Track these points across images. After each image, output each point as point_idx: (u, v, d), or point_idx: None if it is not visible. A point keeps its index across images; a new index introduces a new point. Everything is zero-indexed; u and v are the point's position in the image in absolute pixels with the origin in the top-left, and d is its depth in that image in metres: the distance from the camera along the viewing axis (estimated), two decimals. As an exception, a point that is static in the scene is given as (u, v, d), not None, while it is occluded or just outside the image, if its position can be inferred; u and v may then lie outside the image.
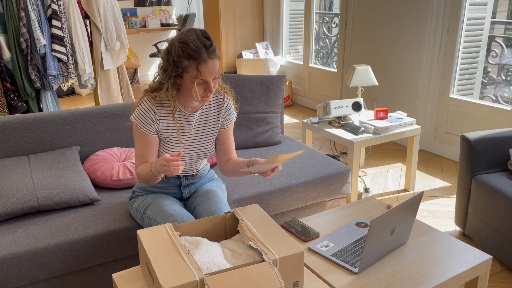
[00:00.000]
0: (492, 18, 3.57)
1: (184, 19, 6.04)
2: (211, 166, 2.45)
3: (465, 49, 3.57)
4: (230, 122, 1.87)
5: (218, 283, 1.17)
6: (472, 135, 2.37)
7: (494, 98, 3.68)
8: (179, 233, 1.43)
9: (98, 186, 2.22)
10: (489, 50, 3.63)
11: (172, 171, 1.51)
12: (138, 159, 1.76)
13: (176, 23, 6.99)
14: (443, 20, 3.58)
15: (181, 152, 1.53)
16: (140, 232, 1.40)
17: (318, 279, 1.44)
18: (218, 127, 1.86)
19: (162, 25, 6.87)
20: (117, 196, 2.14)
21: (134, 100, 1.81)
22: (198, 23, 7.31)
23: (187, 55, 1.57)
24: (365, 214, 1.87)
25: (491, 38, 3.63)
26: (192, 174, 1.90)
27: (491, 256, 1.59)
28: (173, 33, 7.14)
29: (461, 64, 3.60)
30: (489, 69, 3.78)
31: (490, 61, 3.67)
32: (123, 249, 1.90)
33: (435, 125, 3.83)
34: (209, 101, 1.78)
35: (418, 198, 1.57)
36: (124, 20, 6.52)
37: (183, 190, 1.90)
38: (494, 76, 3.79)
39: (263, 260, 1.27)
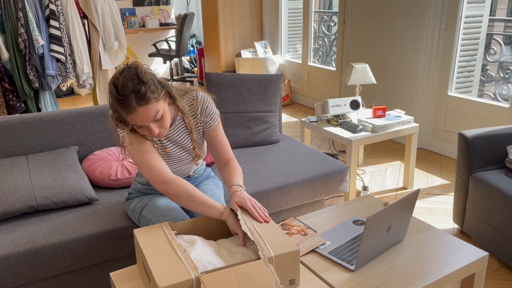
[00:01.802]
0: (491, 15, 3.57)
1: (183, 19, 6.05)
2: (208, 165, 2.45)
3: (463, 46, 3.58)
4: (211, 124, 1.75)
5: (213, 281, 1.18)
6: (470, 132, 2.38)
7: (492, 95, 3.68)
8: (175, 232, 1.43)
9: (96, 186, 2.23)
10: (487, 47, 3.63)
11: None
12: (151, 173, 1.58)
13: (175, 23, 7.00)
14: (441, 18, 3.58)
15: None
16: (136, 231, 1.40)
17: (314, 277, 1.45)
18: (201, 130, 1.77)
19: (161, 24, 6.87)
20: (115, 196, 2.15)
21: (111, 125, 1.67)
22: (197, 23, 7.32)
23: (116, 102, 1.45)
24: (362, 211, 1.88)
25: (490, 36, 3.63)
26: (188, 175, 1.89)
27: (487, 253, 1.60)
28: (172, 33, 7.15)
29: (459, 62, 3.60)
30: (488, 67, 3.78)
31: (489, 59, 3.67)
32: (121, 248, 1.91)
33: (434, 123, 3.83)
34: (164, 135, 1.60)
35: (414, 196, 1.57)
36: (123, 20, 6.54)
37: None
38: (493, 74, 3.79)
39: (258, 258, 1.28)
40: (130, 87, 1.42)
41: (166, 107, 1.55)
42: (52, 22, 3.35)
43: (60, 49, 3.41)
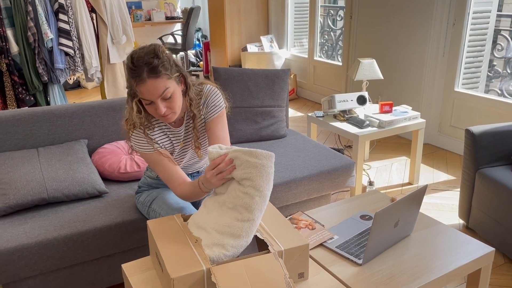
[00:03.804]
0: (498, 11, 3.56)
1: (189, 12, 6.04)
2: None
3: (471, 42, 3.57)
4: (210, 116, 1.73)
5: (224, 273, 1.20)
6: (477, 128, 2.38)
7: (499, 91, 3.67)
8: (188, 223, 1.46)
9: (106, 179, 2.26)
10: (494, 43, 3.61)
11: (222, 176, 1.39)
12: (170, 181, 1.65)
13: (181, 16, 7.00)
14: (448, 13, 3.57)
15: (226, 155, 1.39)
16: (149, 223, 1.43)
17: (323, 270, 1.47)
18: (204, 122, 1.76)
19: (167, 18, 6.87)
20: (124, 189, 2.18)
21: (124, 128, 1.68)
22: (203, 16, 7.31)
23: (129, 73, 1.51)
24: (369, 207, 1.90)
25: (497, 32, 3.62)
26: (198, 171, 1.92)
27: (494, 249, 1.61)
28: (177, 26, 7.15)
29: (466, 57, 3.60)
30: (495, 63, 3.77)
31: (496, 55, 3.66)
32: (131, 240, 1.94)
33: (440, 118, 3.83)
34: (173, 120, 1.61)
35: (422, 191, 1.58)
36: (129, 13, 6.53)
37: None
38: (500, 70, 3.78)
39: (268, 251, 1.30)
40: (144, 60, 1.48)
41: (177, 90, 1.57)
42: (61, 16, 3.37)
43: (69, 43, 3.43)
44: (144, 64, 1.47)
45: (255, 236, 1.40)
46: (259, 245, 1.48)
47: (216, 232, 1.34)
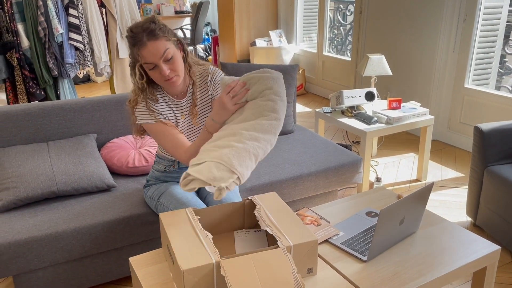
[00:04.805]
0: (510, 6, 3.51)
1: (198, 7, 6.05)
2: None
3: (482, 38, 3.53)
4: (218, 92, 1.81)
5: (233, 267, 1.22)
6: (486, 126, 2.36)
7: (510, 88, 3.63)
8: (199, 217, 1.48)
9: (114, 173, 2.28)
10: (506, 39, 3.57)
11: (237, 99, 1.46)
12: (176, 150, 1.70)
13: (190, 11, 7.00)
14: (459, 8, 3.53)
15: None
16: (162, 216, 1.46)
17: (328, 266, 1.48)
18: (210, 98, 1.82)
19: (176, 12, 6.88)
20: (132, 183, 2.20)
21: (128, 107, 1.75)
22: (212, 11, 7.31)
23: (130, 42, 1.61)
24: (375, 203, 1.90)
25: (509, 27, 3.57)
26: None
27: (500, 247, 1.61)
28: (187, 21, 7.15)
29: (477, 53, 3.56)
30: (506, 59, 3.72)
31: (507, 51, 3.61)
32: (139, 234, 1.96)
33: (449, 115, 3.81)
34: (178, 84, 1.67)
35: (428, 189, 1.58)
36: (139, 7, 6.55)
37: None
38: (511, 66, 3.73)
39: (277, 246, 1.32)
40: (142, 27, 1.59)
41: (177, 53, 1.65)
42: (71, 11, 3.40)
43: (79, 38, 3.46)
44: (142, 30, 1.58)
45: (265, 231, 1.41)
46: (269, 240, 1.50)
47: (245, 130, 1.39)
